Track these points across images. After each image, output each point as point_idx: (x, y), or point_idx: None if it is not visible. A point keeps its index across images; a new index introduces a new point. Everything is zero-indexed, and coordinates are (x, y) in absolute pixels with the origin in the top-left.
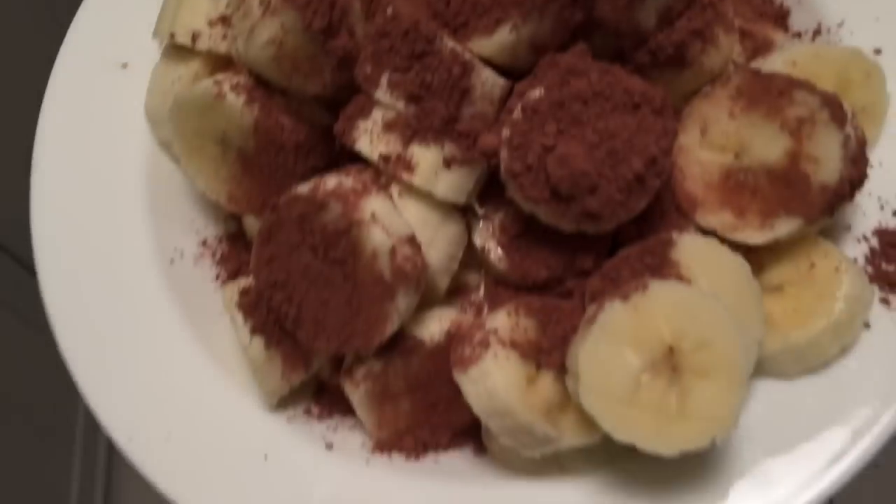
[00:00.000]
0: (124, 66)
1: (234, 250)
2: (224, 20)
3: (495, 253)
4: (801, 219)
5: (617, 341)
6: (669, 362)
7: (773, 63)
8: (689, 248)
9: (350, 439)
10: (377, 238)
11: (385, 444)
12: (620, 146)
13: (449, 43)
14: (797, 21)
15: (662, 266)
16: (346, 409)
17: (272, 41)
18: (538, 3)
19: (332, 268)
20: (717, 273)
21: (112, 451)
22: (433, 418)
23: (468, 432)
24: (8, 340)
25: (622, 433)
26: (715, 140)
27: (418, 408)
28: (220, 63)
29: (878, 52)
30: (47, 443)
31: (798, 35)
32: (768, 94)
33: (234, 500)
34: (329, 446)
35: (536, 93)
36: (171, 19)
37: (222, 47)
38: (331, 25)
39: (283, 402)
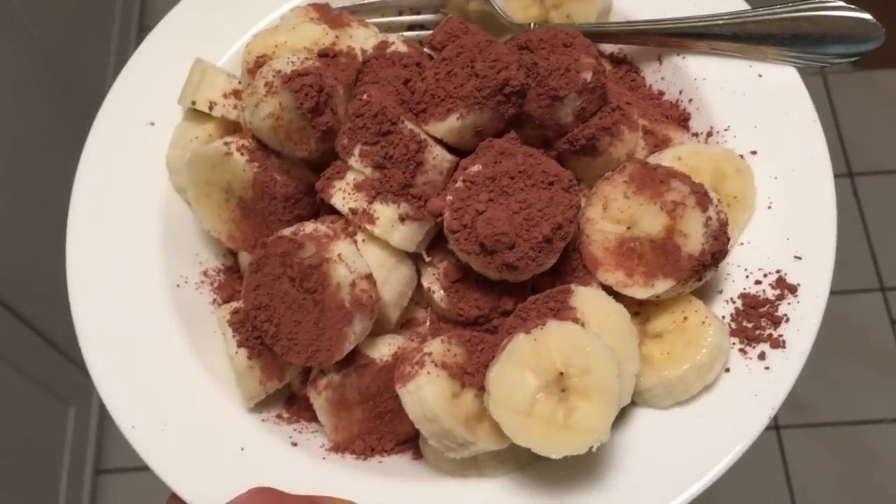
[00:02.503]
0: (152, 124)
1: (230, 280)
2: (236, 94)
3: (438, 294)
4: (675, 280)
5: (520, 365)
6: (559, 384)
7: (665, 157)
8: (583, 297)
9: (312, 440)
10: (341, 273)
11: (340, 446)
12: (535, 214)
13: (409, 125)
14: (695, 124)
15: (562, 310)
16: (310, 416)
17: (271, 115)
18: (480, 99)
19: (304, 295)
20: (603, 317)
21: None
22: (380, 427)
23: (408, 442)
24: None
25: (520, 439)
26: (613, 215)
27: (368, 417)
28: (230, 128)
29: (753, 153)
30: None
31: (696, 135)
32: (652, 181)
33: (214, 482)
34: (294, 444)
35: (475, 168)
36: (193, 90)
37: (233, 115)
38: (317, 106)
39: (259, 406)
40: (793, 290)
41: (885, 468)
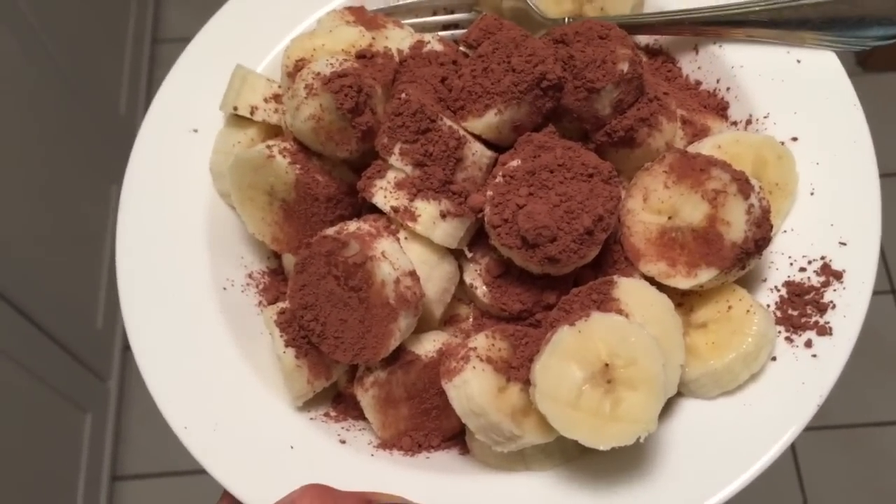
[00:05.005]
0: (195, 130)
1: (274, 283)
2: (276, 98)
3: (481, 289)
4: (718, 269)
5: (565, 357)
6: (605, 376)
7: (704, 146)
8: (627, 288)
9: (360, 438)
10: (385, 270)
11: (387, 443)
12: (576, 206)
13: (447, 122)
14: (734, 112)
15: (605, 301)
16: (357, 414)
17: (312, 117)
18: (517, 94)
19: (349, 293)
20: (647, 308)
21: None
22: (427, 423)
23: (455, 437)
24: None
25: (567, 431)
26: (653, 205)
27: (415, 413)
28: (272, 131)
29: (794, 139)
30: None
31: (735, 123)
32: (693, 170)
33: (265, 480)
34: (342, 442)
35: (514, 163)
36: (234, 95)
37: (274, 119)
38: (357, 106)
39: (307, 405)
40: (838, 276)
41: None
